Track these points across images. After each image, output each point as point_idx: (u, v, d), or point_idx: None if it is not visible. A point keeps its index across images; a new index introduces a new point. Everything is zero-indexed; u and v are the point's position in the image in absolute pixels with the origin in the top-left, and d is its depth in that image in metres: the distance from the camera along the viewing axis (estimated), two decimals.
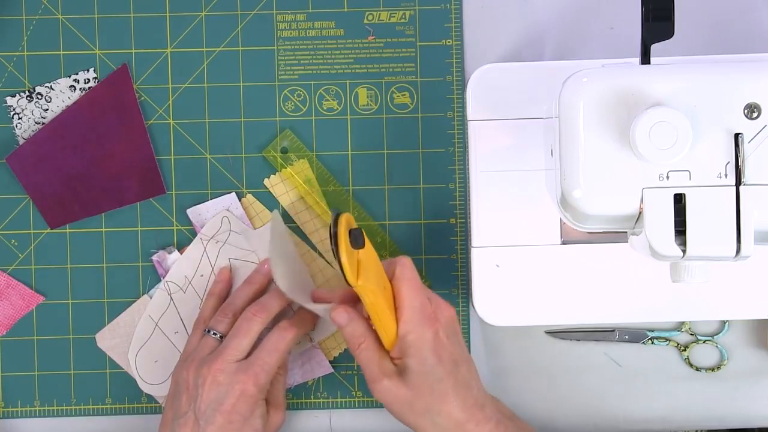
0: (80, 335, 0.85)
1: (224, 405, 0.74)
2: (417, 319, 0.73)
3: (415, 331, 0.73)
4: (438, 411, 0.73)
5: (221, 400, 0.75)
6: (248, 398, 0.75)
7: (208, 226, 0.84)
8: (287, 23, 0.85)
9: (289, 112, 0.85)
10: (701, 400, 0.85)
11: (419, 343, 0.72)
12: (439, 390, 0.73)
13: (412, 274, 0.74)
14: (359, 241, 0.70)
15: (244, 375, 0.75)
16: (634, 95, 0.63)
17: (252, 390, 0.75)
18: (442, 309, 0.74)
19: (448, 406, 0.73)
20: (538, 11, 0.85)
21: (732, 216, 0.63)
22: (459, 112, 0.85)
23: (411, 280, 0.74)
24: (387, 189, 0.85)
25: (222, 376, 0.75)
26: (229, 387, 0.75)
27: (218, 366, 0.75)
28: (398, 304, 0.73)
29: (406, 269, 0.74)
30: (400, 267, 0.74)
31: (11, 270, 0.85)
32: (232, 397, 0.75)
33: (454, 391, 0.73)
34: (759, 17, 0.85)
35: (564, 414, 0.85)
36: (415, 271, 0.74)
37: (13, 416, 0.86)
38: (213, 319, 0.79)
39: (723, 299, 0.79)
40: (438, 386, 0.72)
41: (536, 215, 0.80)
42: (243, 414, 0.75)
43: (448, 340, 0.73)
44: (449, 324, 0.74)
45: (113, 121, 0.85)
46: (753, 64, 0.64)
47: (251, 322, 0.77)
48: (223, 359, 0.75)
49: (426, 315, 0.73)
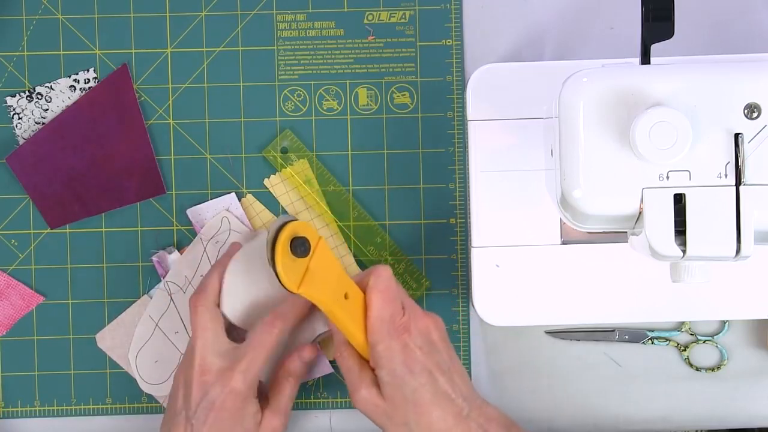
0: (80, 335, 0.85)
1: (213, 403, 0.74)
2: (385, 329, 0.73)
3: (383, 342, 0.73)
4: (416, 422, 0.72)
5: (210, 398, 0.74)
6: (236, 395, 0.74)
7: (207, 227, 0.84)
8: (287, 23, 0.85)
9: (289, 112, 0.85)
10: (701, 400, 0.85)
11: (388, 353, 0.72)
12: (414, 401, 0.72)
13: (386, 284, 0.74)
14: (300, 250, 0.71)
15: (231, 372, 0.74)
16: (634, 95, 0.63)
17: (240, 386, 0.74)
18: (417, 319, 0.74)
19: (426, 418, 0.72)
20: (538, 11, 0.85)
21: (732, 216, 0.63)
22: (459, 112, 0.85)
23: (383, 290, 0.74)
24: (387, 189, 0.85)
25: (209, 375, 0.75)
26: (217, 385, 0.74)
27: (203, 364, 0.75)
28: (368, 314, 0.73)
29: (380, 279, 0.74)
30: (374, 277, 0.74)
31: (11, 270, 0.85)
32: (221, 395, 0.74)
33: (431, 402, 0.72)
34: (759, 17, 0.85)
35: (564, 414, 0.85)
36: (391, 281, 0.74)
37: (13, 416, 0.86)
38: None
39: (723, 299, 0.79)
40: (413, 397, 0.72)
41: (536, 215, 0.80)
42: (231, 411, 0.74)
43: (422, 351, 0.73)
44: (424, 334, 0.74)
45: (113, 121, 0.85)
46: (753, 64, 0.64)
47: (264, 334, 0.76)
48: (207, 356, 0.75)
49: (395, 326, 0.73)
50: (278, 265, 0.71)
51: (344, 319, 0.73)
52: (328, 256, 0.74)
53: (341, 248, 0.84)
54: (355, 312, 0.74)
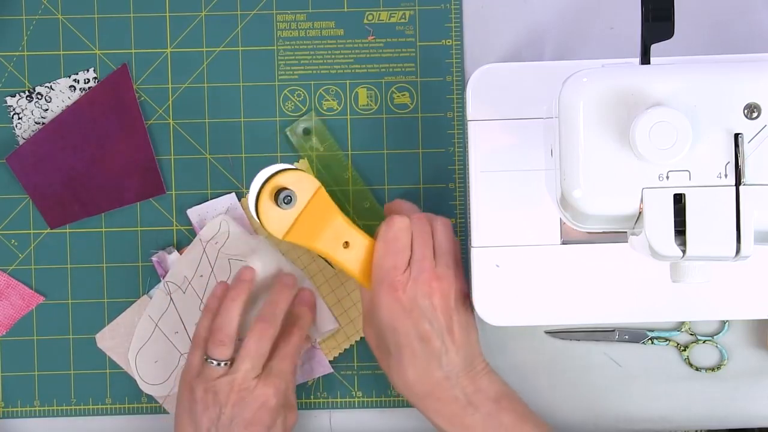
0: (80, 335, 0.85)
1: (247, 418, 0.75)
2: (379, 278, 0.74)
3: (377, 289, 0.74)
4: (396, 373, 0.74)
5: (243, 414, 0.75)
6: (270, 409, 0.76)
7: (207, 227, 0.84)
8: (287, 23, 0.85)
9: (289, 112, 0.85)
10: (701, 400, 0.85)
11: (377, 303, 0.74)
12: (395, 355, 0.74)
13: (394, 235, 0.75)
14: (285, 201, 0.74)
15: (265, 388, 0.76)
16: (634, 95, 0.63)
17: (273, 401, 0.76)
18: (421, 280, 0.74)
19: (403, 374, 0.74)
20: (538, 11, 0.85)
21: (732, 216, 0.63)
22: (459, 112, 0.85)
23: (388, 240, 0.75)
24: (387, 189, 0.85)
25: (245, 393, 0.75)
26: (252, 401, 0.75)
27: (240, 386, 0.75)
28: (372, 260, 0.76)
29: (390, 229, 0.75)
30: (385, 225, 0.76)
31: (11, 270, 0.85)
32: (253, 410, 0.75)
33: (409, 363, 0.74)
34: (759, 17, 0.85)
35: (564, 414, 0.85)
36: (401, 232, 0.75)
37: (13, 416, 0.86)
38: (211, 346, 0.77)
39: (723, 299, 0.79)
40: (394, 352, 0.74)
41: (536, 215, 0.80)
42: (266, 424, 0.76)
43: (412, 312, 0.73)
44: (422, 296, 0.74)
45: (113, 121, 0.85)
46: (753, 64, 0.64)
47: (261, 340, 0.77)
48: (243, 381, 0.75)
49: (390, 278, 0.74)
50: (261, 215, 0.74)
51: (341, 263, 0.76)
52: (325, 205, 0.76)
53: None
54: (357, 258, 0.76)
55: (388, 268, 0.74)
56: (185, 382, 0.78)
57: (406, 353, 0.74)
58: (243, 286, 0.78)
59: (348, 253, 0.76)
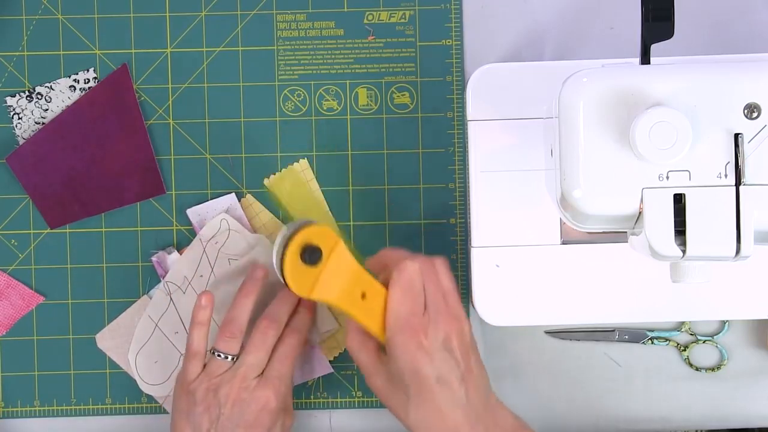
0: (80, 335, 0.85)
1: (247, 420, 0.75)
2: (399, 326, 0.72)
3: (396, 338, 0.72)
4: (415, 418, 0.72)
5: (244, 416, 0.75)
6: (270, 411, 0.76)
7: (207, 227, 0.84)
8: (287, 23, 0.85)
9: (289, 112, 0.85)
10: (701, 400, 0.85)
11: (399, 350, 0.72)
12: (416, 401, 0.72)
13: (408, 280, 0.73)
14: (312, 259, 0.72)
15: (265, 390, 0.75)
16: (634, 95, 0.63)
17: (273, 404, 0.76)
18: (438, 322, 0.73)
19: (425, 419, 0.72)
20: (538, 11, 0.85)
21: (732, 216, 0.63)
22: (459, 112, 0.85)
23: (403, 286, 0.73)
24: (387, 189, 0.85)
25: (245, 393, 0.75)
26: (252, 402, 0.75)
27: (241, 385, 0.75)
28: (387, 308, 0.73)
29: (402, 274, 0.73)
30: (397, 272, 0.73)
31: (11, 270, 0.85)
32: (254, 412, 0.75)
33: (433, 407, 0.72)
34: (759, 17, 0.85)
35: (564, 414, 0.85)
36: (414, 276, 0.73)
37: (13, 416, 0.86)
38: (220, 340, 0.77)
39: (723, 299, 0.79)
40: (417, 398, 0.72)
41: (536, 215, 0.80)
42: (266, 427, 0.75)
43: (435, 356, 0.72)
44: (442, 339, 0.72)
45: (113, 121, 0.85)
46: (753, 64, 0.64)
47: (266, 336, 0.77)
48: (245, 377, 0.75)
49: (411, 324, 0.72)
50: (287, 275, 0.72)
51: (359, 317, 0.73)
52: (344, 257, 0.73)
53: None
54: (374, 309, 0.73)
55: (406, 313, 0.73)
56: (183, 389, 0.77)
57: (427, 397, 0.72)
58: (256, 284, 0.79)
59: (366, 304, 0.74)
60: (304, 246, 0.72)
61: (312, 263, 0.72)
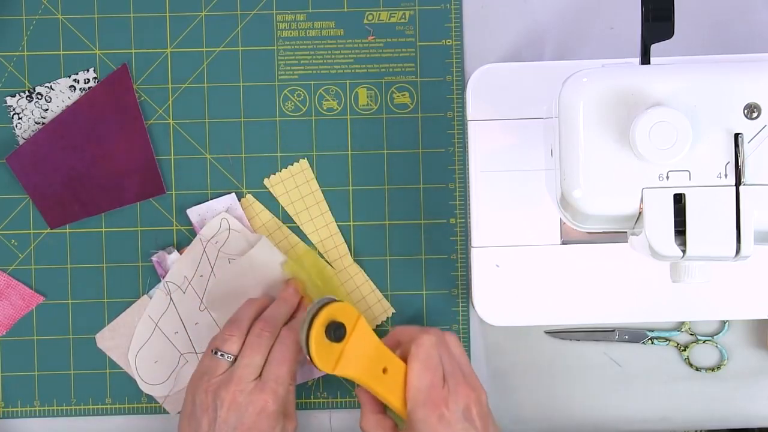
0: (80, 335, 0.85)
1: (245, 424, 0.75)
2: (421, 399, 0.73)
3: (418, 412, 0.73)
4: None
5: (241, 419, 0.75)
6: (268, 415, 0.75)
7: (207, 227, 0.84)
8: (287, 23, 0.85)
9: (289, 112, 0.85)
10: (701, 400, 0.85)
11: (423, 424, 0.73)
12: None
13: (427, 353, 0.74)
14: (336, 335, 0.74)
15: (262, 393, 0.75)
16: (634, 95, 0.63)
17: (271, 407, 0.75)
18: (457, 392, 0.74)
19: None
20: (538, 11, 0.85)
21: (732, 216, 0.63)
22: (459, 112, 0.85)
23: (423, 359, 0.74)
24: (387, 189, 0.85)
25: (241, 396, 0.75)
26: (249, 406, 0.75)
27: (236, 387, 0.75)
28: (407, 383, 0.74)
29: (420, 348, 0.74)
30: (415, 346, 0.75)
31: (11, 270, 0.85)
32: (252, 416, 0.75)
33: None
34: (759, 17, 0.85)
35: (564, 414, 0.85)
36: (432, 350, 0.74)
37: (13, 416, 0.86)
38: (220, 339, 0.77)
39: (723, 299, 0.79)
40: None
41: (536, 215, 0.80)
42: (264, 431, 0.75)
43: (457, 426, 0.73)
44: (462, 409, 0.73)
45: (113, 121, 0.85)
46: (753, 64, 0.64)
47: (260, 339, 0.77)
48: (240, 380, 0.75)
49: (432, 397, 0.73)
50: (312, 352, 0.73)
51: (381, 392, 0.75)
52: (366, 333, 0.75)
53: (341, 248, 0.84)
54: (394, 383, 0.75)
55: (427, 387, 0.73)
56: (191, 386, 0.78)
57: None
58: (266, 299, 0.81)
59: (387, 378, 0.75)
60: (329, 323, 0.74)
61: (337, 339, 0.74)
